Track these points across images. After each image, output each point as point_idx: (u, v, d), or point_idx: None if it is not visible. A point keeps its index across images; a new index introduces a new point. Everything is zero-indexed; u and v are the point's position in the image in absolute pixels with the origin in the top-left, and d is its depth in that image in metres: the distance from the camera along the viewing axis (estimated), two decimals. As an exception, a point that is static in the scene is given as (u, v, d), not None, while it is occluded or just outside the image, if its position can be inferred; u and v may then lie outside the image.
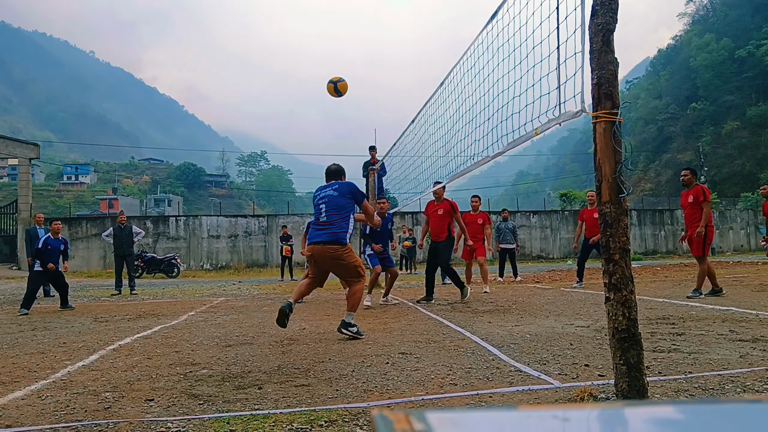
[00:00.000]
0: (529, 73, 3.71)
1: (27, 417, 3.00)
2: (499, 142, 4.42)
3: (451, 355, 4.30)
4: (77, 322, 7.17)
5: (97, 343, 5.44)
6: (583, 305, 7.41)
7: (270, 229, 24.44)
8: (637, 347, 2.58)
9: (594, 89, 2.71)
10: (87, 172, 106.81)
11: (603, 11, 2.67)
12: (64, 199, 77.66)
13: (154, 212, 68.71)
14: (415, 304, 8.11)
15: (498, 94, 4.42)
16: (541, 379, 3.49)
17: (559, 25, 3.20)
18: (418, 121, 8.49)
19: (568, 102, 3.10)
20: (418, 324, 6.06)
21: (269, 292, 11.63)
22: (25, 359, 4.69)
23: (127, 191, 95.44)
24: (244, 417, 2.88)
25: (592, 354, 4.20)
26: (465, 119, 5.69)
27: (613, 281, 2.61)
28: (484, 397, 3.16)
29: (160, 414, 2.99)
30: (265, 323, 6.51)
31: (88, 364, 4.41)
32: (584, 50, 2.86)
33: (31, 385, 3.73)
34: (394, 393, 3.30)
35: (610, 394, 3.01)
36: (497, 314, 6.75)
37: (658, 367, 3.69)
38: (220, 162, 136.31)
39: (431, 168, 8.04)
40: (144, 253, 20.56)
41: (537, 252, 26.57)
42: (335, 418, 2.81)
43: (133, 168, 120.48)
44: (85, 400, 3.31)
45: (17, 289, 13.65)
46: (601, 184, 2.68)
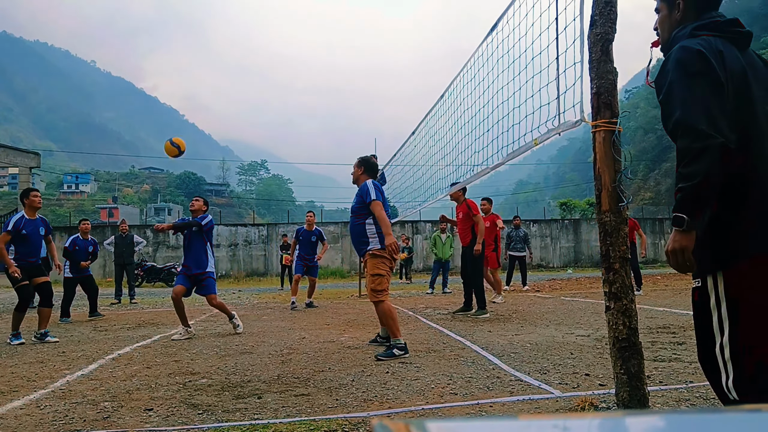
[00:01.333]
0: (529, 84, 3.74)
1: (26, 427, 2.99)
2: (499, 153, 4.43)
3: (451, 365, 4.29)
4: (76, 332, 7.15)
5: (97, 352, 5.42)
6: (584, 314, 7.39)
7: (270, 238, 24.43)
8: (637, 356, 2.57)
9: (593, 99, 2.72)
10: (87, 181, 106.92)
11: (602, 21, 2.69)
12: (65, 208, 77.59)
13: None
14: (416, 313, 8.09)
15: (498, 105, 4.45)
16: (541, 389, 3.48)
17: (558, 35, 3.22)
18: (419, 132, 8.52)
19: (568, 112, 3.11)
20: (418, 333, 6.04)
21: (269, 301, 11.60)
22: (24, 368, 4.68)
23: (128, 200, 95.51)
24: (243, 427, 2.87)
25: (592, 363, 4.18)
26: (465, 130, 5.71)
27: (614, 290, 2.61)
28: (485, 406, 3.14)
29: (159, 423, 2.98)
30: (264, 332, 6.50)
31: (87, 373, 4.40)
32: (583, 60, 2.88)
33: (30, 395, 3.71)
34: (394, 402, 3.28)
35: (610, 403, 3.00)
36: (497, 323, 6.73)
37: (659, 376, 3.68)
38: (220, 171, 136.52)
39: (432, 179, 8.04)
40: (144, 262, 20.53)
41: (537, 261, 26.53)
42: (335, 427, 2.80)
43: (133, 177, 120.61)
44: (84, 409, 3.30)
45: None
46: (600, 193, 2.68)
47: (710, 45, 1.72)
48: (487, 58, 4.78)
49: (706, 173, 1.62)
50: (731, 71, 1.70)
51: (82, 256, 8.92)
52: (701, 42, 1.72)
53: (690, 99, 1.66)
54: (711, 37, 1.75)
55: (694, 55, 1.70)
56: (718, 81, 1.66)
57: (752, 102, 1.71)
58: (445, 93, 6.70)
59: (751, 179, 1.66)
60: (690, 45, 1.73)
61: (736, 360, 1.61)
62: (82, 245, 8.99)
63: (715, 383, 1.69)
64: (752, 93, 1.72)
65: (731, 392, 1.61)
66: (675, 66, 1.72)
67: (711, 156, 1.61)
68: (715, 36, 1.76)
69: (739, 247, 1.63)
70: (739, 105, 1.69)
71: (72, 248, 8.84)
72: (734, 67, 1.71)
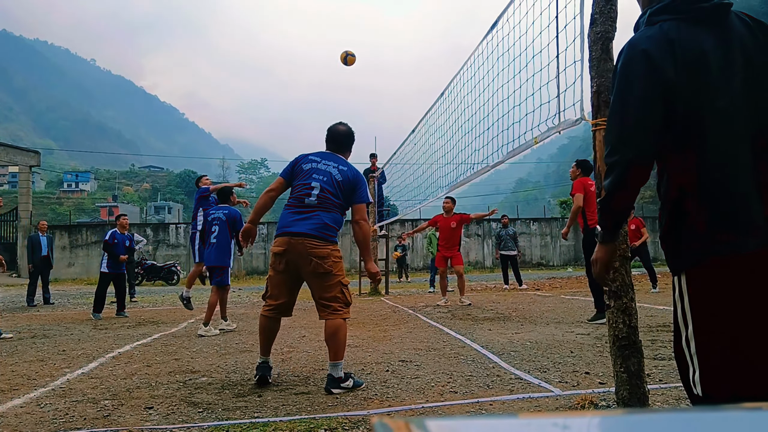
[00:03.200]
0: (529, 82, 3.74)
1: (26, 425, 2.99)
2: (499, 151, 4.43)
3: (451, 363, 4.29)
4: (76, 330, 7.16)
5: (97, 350, 5.42)
6: (584, 313, 7.39)
7: (270, 237, 24.41)
8: (637, 355, 2.57)
9: (593, 97, 2.72)
10: (87, 180, 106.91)
11: (602, 20, 2.69)
12: (65, 206, 77.58)
13: (154, 219, 68.72)
14: (416, 312, 8.10)
15: (498, 103, 4.45)
16: (541, 387, 3.48)
17: (558, 34, 3.22)
18: (419, 130, 8.52)
19: (568, 110, 3.12)
20: (418, 332, 6.05)
21: (269, 300, 11.60)
22: (24, 367, 4.68)
23: (128, 198, 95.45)
24: (243, 425, 2.87)
25: (592, 362, 4.19)
26: (465, 128, 5.71)
27: (614, 289, 2.61)
28: (485, 404, 3.15)
29: (159, 422, 2.98)
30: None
31: (87, 371, 4.40)
32: (584, 58, 2.88)
33: (30, 393, 3.72)
34: (394, 401, 3.29)
35: (610, 401, 3.00)
36: (497, 322, 6.73)
37: (659, 374, 3.68)
38: (221, 169, 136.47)
39: (432, 177, 8.05)
40: (144, 261, 20.52)
41: (537, 259, 26.53)
42: (335, 426, 2.80)
43: (133, 175, 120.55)
44: (84, 407, 3.30)
45: (17, 296, 13.62)
46: (601, 192, 2.68)
47: (661, 38, 1.57)
48: (488, 56, 4.78)
49: (615, 189, 1.61)
50: (684, 63, 1.55)
51: (121, 249, 9.00)
52: (651, 36, 1.59)
53: (616, 110, 1.62)
54: (668, 22, 1.59)
55: (633, 60, 1.59)
56: (656, 88, 1.56)
57: (708, 94, 1.56)
58: (445, 91, 6.70)
59: (702, 182, 1.57)
60: (636, 44, 1.61)
61: (700, 355, 1.61)
62: (121, 239, 9.06)
63: (684, 377, 1.69)
64: (710, 84, 1.56)
65: (696, 387, 1.61)
66: (617, 71, 1.64)
67: (621, 172, 1.59)
68: (673, 19, 1.59)
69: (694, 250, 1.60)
70: (690, 100, 1.57)
71: (111, 242, 8.91)
72: (689, 57, 1.55)
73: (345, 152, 3.97)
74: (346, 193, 3.73)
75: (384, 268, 12.69)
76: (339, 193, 3.71)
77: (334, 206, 3.71)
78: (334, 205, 3.71)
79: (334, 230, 3.69)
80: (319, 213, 3.66)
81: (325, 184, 3.69)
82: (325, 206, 3.67)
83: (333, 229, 3.68)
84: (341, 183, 3.72)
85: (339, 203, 3.72)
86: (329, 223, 3.65)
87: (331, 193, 3.69)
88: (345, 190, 3.73)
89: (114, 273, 9.01)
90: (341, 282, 3.65)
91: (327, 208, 3.67)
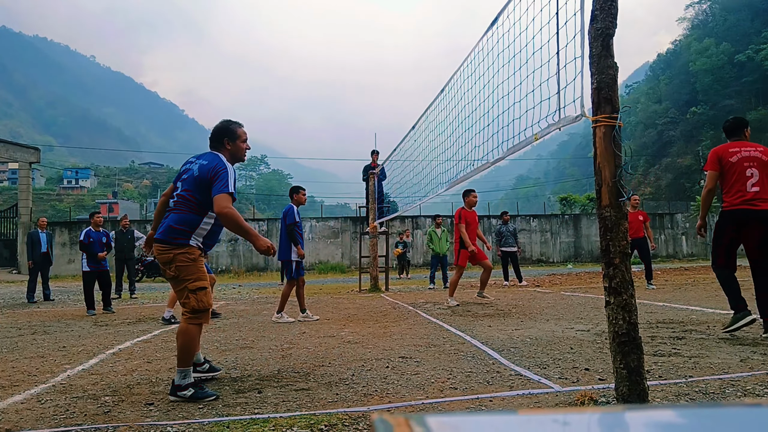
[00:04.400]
0: (530, 78, 3.73)
1: (26, 421, 2.99)
2: (499, 148, 4.43)
3: (451, 359, 4.30)
4: (76, 326, 7.17)
5: (97, 347, 5.43)
6: (584, 309, 7.40)
7: (270, 234, 24.41)
8: (637, 351, 2.58)
9: (594, 94, 2.72)
10: (87, 176, 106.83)
11: (602, 16, 2.68)
12: (65, 203, 77.58)
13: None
14: (416, 308, 8.10)
15: (498, 99, 4.44)
16: (541, 383, 3.49)
17: (558, 30, 3.21)
18: (419, 126, 8.51)
19: (568, 107, 3.11)
20: (418, 328, 6.05)
21: (269, 296, 11.61)
22: (25, 363, 4.69)
23: (128, 195, 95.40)
24: (243, 421, 2.88)
25: (592, 358, 4.19)
26: (465, 125, 5.71)
27: (614, 285, 2.62)
28: (485, 401, 3.15)
29: (159, 418, 2.99)
30: (264, 327, 6.51)
31: (87, 368, 4.41)
32: (584, 55, 2.87)
33: (31, 389, 3.72)
34: (394, 397, 3.29)
35: (610, 398, 3.00)
36: (497, 318, 6.74)
37: (658, 371, 3.69)
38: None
39: (432, 173, 8.03)
40: (144, 257, 20.52)
41: (537, 256, 26.55)
42: (335, 422, 2.81)
43: (133, 172, 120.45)
44: (85, 404, 3.31)
45: (17, 293, 13.64)
46: (601, 188, 2.68)
47: None
48: (488, 53, 4.77)
49: None
50: None
51: (97, 247, 8.99)
52: None
53: None
54: None
55: None
56: None
57: None
58: (445, 88, 6.69)
59: None
60: None
61: None
62: (96, 237, 9.04)
63: None
64: None
65: None
66: None
67: None
68: None
69: None
70: None
71: (87, 241, 8.90)
72: None
73: (219, 147, 3.73)
74: (203, 187, 3.52)
75: (384, 265, 12.70)
76: (196, 189, 3.54)
77: (189, 205, 3.55)
78: (189, 204, 3.55)
79: (181, 232, 3.51)
80: (170, 215, 3.60)
81: (186, 183, 3.59)
82: (178, 207, 3.57)
83: (179, 231, 3.51)
84: (197, 179, 3.54)
85: (196, 201, 3.55)
86: (175, 225, 3.52)
87: (188, 191, 3.56)
88: (202, 186, 3.52)
89: (97, 271, 9.01)
90: (188, 287, 3.49)
91: (179, 209, 3.57)
